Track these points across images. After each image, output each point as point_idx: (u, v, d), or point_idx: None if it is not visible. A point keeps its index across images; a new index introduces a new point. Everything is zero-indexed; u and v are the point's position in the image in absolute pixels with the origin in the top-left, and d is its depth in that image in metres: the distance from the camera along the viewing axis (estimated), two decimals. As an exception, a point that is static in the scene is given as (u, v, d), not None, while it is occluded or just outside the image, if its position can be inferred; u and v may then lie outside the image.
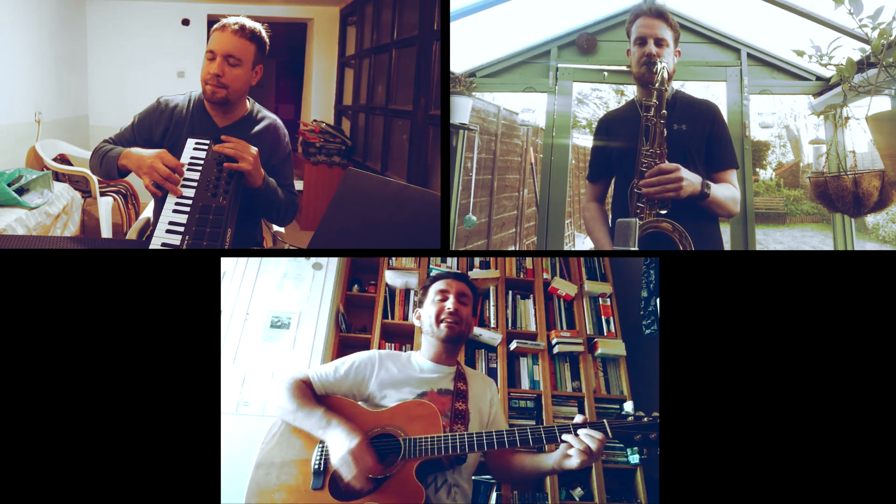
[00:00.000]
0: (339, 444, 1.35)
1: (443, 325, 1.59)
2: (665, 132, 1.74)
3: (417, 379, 1.54)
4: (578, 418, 1.37)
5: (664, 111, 1.74)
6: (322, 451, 1.41)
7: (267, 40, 1.89)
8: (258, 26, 1.87)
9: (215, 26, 1.85)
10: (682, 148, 1.79)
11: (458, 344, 1.63)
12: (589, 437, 1.31)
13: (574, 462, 1.31)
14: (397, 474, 1.34)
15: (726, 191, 1.78)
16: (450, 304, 1.61)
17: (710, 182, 1.74)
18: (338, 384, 1.53)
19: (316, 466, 1.39)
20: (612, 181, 1.97)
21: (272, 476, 1.38)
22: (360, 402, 1.52)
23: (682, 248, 1.71)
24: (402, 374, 1.55)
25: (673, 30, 1.83)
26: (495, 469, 1.58)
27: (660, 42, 1.81)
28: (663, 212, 1.73)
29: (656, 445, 1.35)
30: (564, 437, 1.33)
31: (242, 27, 1.83)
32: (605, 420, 1.35)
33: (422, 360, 1.61)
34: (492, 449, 1.37)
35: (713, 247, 1.84)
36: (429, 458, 1.36)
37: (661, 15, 1.82)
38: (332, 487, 1.36)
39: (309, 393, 1.50)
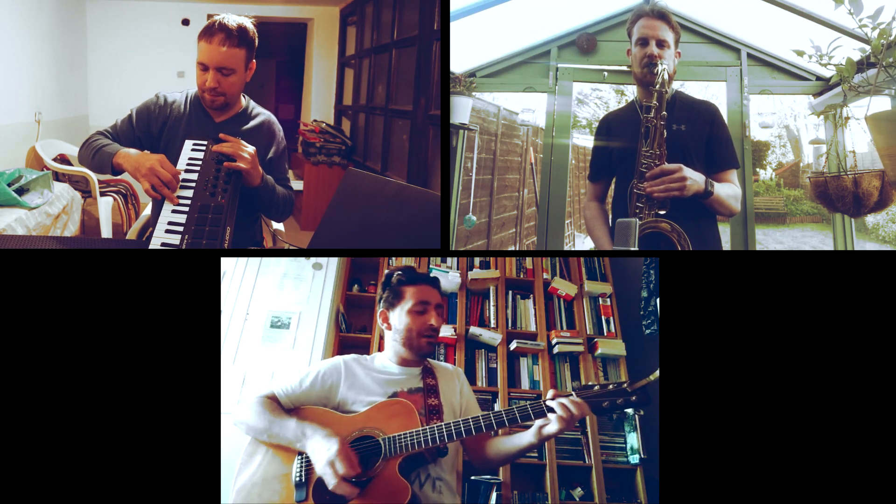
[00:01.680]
0: (320, 452, 1.35)
1: (424, 341, 1.55)
2: (665, 133, 1.74)
3: (386, 381, 1.53)
4: (551, 393, 1.37)
5: (664, 112, 1.74)
6: (302, 462, 1.40)
7: (255, 36, 1.85)
8: (244, 23, 1.82)
9: (201, 33, 1.80)
10: (681, 148, 1.79)
11: (431, 356, 1.64)
12: (569, 403, 1.32)
13: (553, 427, 1.32)
14: (381, 474, 1.34)
15: (729, 189, 1.79)
16: (433, 319, 1.56)
17: (713, 181, 1.74)
18: (305, 395, 1.51)
19: (297, 479, 1.38)
20: (613, 181, 1.97)
21: (254, 495, 1.37)
22: (331, 410, 1.51)
23: (680, 248, 1.71)
24: (370, 377, 1.54)
25: (674, 31, 1.83)
26: (476, 459, 1.57)
27: (661, 43, 1.80)
28: (662, 212, 1.73)
29: (623, 408, 1.35)
30: (549, 403, 1.34)
31: (229, 33, 1.77)
32: (572, 391, 1.37)
33: (388, 363, 1.59)
34: (470, 435, 1.36)
35: (712, 245, 1.84)
36: (410, 453, 1.36)
37: (662, 16, 1.82)
38: (315, 497, 1.35)
39: (278, 408, 1.48)
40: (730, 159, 1.83)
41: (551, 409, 1.34)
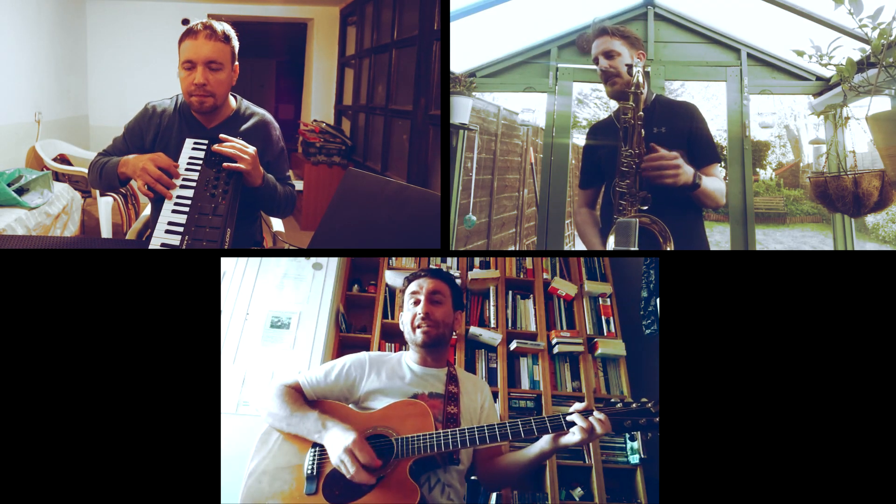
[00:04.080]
0: (337, 442, 1.35)
1: (418, 332, 1.56)
2: (643, 132, 1.77)
3: (408, 381, 1.53)
4: (579, 405, 1.35)
5: (641, 113, 1.78)
6: (314, 455, 1.40)
7: (236, 40, 1.86)
8: (226, 26, 1.84)
9: (183, 35, 1.82)
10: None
11: (438, 347, 1.58)
12: (594, 420, 1.30)
13: (574, 438, 1.30)
14: (391, 474, 1.34)
15: (714, 183, 1.83)
16: (420, 308, 1.57)
17: (701, 174, 1.77)
18: (329, 388, 1.52)
19: (309, 471, 1.38)
20: (603, 187, 2.01)
21: (265, 484, 1.37)
22: (350, 406, 1.52)
23: (661, 241, 1.73)
24: (392, 376, 1.54)
25: (621, 37, 1.88)
26: (485, 475, 1.53)
27: (609, 55, 1.87)
28: (644, 208, 1.76)
29: (646, 430, 1.34)
30: (570, 417, 1.32)
31: (213, 30, 1.79)
32: (594, 409, 1.34)
33: (411, 362, 1.59)
34: (484, 444, 1.36)
35: (697, 238, 1.88)
36: (422, 455, 1.36)
37: (602, 32, 1.90)
38: (325, 492, 1.35)
39: (300, 398, 1.49)
40: (711, 155, 1.87)
41: (572, 424, 1.32)
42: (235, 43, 1.85)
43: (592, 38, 1.92)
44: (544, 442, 1.37)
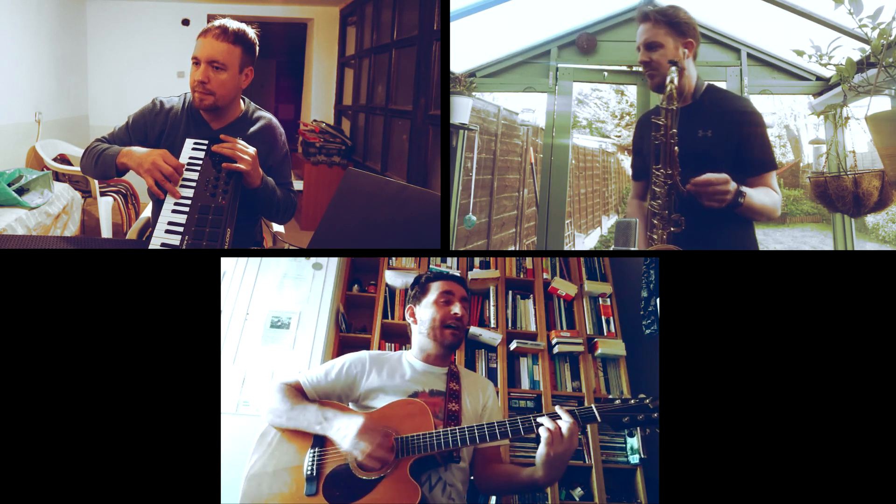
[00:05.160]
0: (346, 428, 1.36)
1: (448, 331, 1.56)
2: (677, 150, 1.63)
3: (409, 379, 1.53)
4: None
5: (674, 130, 1.63)
6: (314, 456, 1.40)
7: (255, 40, 1.84)
8: (243, 27, 1.81)
9: (199, 33, 1.81)
10: (708, 158, 1.64)
11: (454, 350, 1.62)
12: (559, 421, 1.30)
13: (541, 450, 1.30)
14: (392, 474, 1.34)
15: (765, 196, 1.65)
16: (457, 308, 1.58)
17: (745, 189, 1.61)
18: (330, 387, 1.52)
19: (309, 472, 1.38)
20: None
21: (264, 486, 1.37)
22: (350, 405, 1.52)
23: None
24: (392, 374, 1.54)
25: (665, 25, 1.70)
26: (481, 476, 1.53)
27: (651, 46, 1.71)
28: (676, 230, 1.67)
29: (645, 426, 1.33)
30: (539, 419, 1.32)
31: (225, 30, 1.77)
32: (593, 405, 1.34)
33: (413, 360, 1.60)
34: (484, 442, 1.36)
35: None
36: (422, 455, 1.36)
37: (644, 18, 1.73)
38: (326, 492, 1.35)
39: (301, 395, 1.50)
40: (766, 162, 1.68)
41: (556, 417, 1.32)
42: (250, 46, 1.83)
43: (638, 23, 1.75)
44: (531, 470, 1.37)
